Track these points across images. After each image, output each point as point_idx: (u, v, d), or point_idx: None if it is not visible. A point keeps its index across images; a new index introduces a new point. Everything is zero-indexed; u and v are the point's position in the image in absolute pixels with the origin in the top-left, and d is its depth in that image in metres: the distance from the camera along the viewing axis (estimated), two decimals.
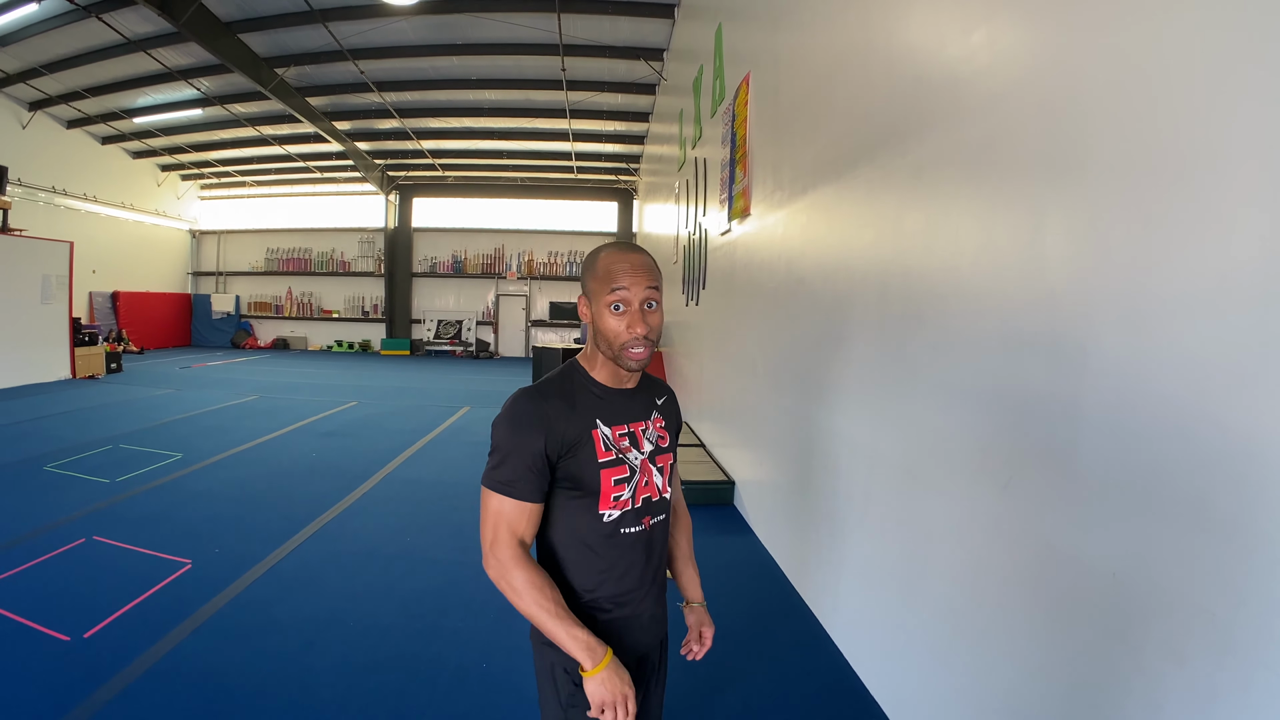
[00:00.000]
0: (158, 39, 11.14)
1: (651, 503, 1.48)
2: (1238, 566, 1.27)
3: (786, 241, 4.25)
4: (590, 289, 1.41)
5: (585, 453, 1.38)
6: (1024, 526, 1.92)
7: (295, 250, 21.57)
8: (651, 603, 1.51)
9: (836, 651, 3.31)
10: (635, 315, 1.35)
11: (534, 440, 1.33)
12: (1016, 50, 2.00)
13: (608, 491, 1.39)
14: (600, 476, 1.39)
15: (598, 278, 1.38)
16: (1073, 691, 1.70)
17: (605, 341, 1.39)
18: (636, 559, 1.46)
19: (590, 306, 1.41)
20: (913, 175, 2.62)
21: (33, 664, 2.98)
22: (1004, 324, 2.02)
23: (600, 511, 1.40)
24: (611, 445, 1.41)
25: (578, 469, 1.37)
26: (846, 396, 3.28)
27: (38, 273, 11.94)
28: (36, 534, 4.50)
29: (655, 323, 1.39)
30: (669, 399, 1.63)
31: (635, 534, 1.45)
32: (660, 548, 1.53)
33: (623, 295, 1.35)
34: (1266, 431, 1.22)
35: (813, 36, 3.87)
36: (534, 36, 10.83)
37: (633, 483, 1.43)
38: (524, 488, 1.33)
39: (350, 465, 6.69)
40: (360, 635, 3.35)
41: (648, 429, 1.50)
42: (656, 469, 1.49)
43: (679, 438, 1.64)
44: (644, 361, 1.39)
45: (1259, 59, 1.24)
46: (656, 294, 1.39)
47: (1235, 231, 1.28)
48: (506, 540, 1.32)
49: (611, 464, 1.40)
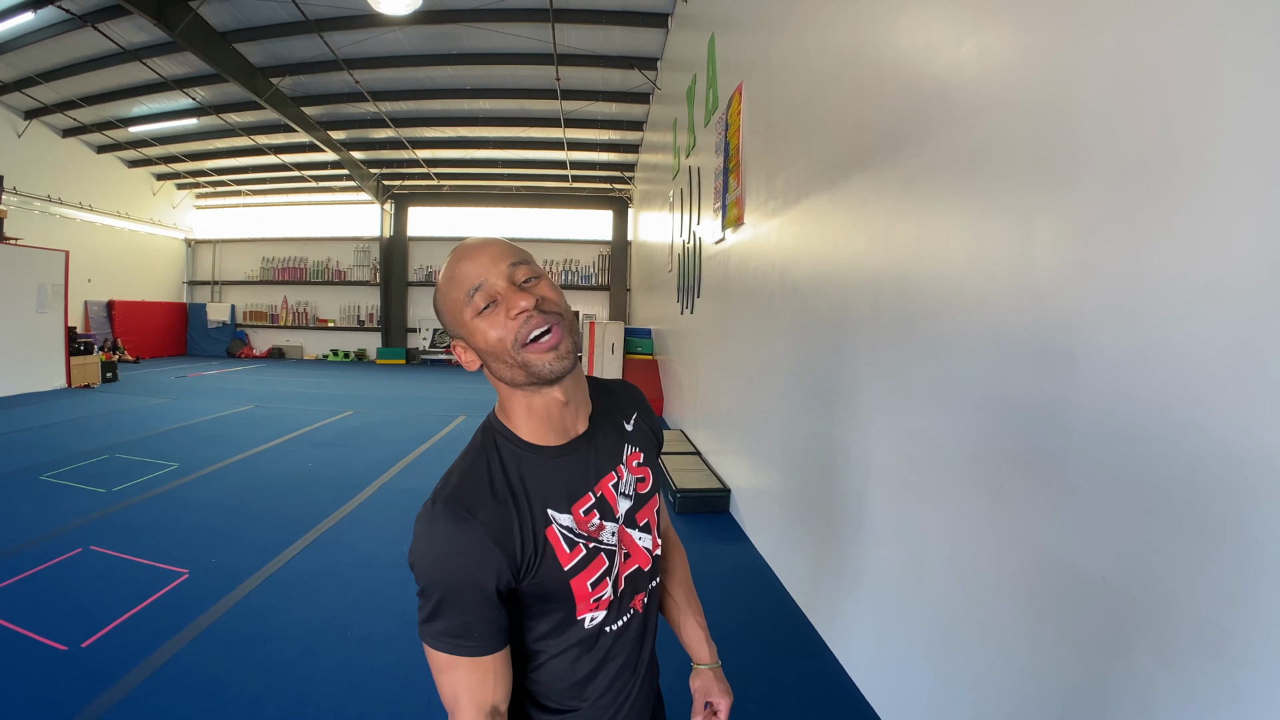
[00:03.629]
0: (153, 48, 11.14)
1: (640, 575, 1.16)
2: (1228, 571, 1.28)
3: (780, 250, 4.28)
4: (446, 313, 1.05)
5: (546, 565, 1.02)
6: (1016, 532, 1.94)
7: (291, 259, 21.53)
8: (644, 689, 1.22)
9: (833, 658, 3.33)
10: (507, 294, 0.99)
11: (473, 580, 0.96)
12: (1006, 59, 2.03)
13: (584, 597, 1.06)
14: (570, 587, 1.05)
15: (449, 294, 1.03)
16: (1066, 696, 1.71)
17: (498, 360, 1.01)
18: (626, 650, 1.16)
19: (464, 337, 1.04)
20: (904, 184, 2.65)
21: (30, 673, 2.98)
22: (995, 330, 2.04)
23: (579, 619, 1.08)
24: (577, 536, 1.05)
25: (538, 588, 1.03)
26: (840, 404, 3.31)
27: (33, 282, 11.90)
28: (33, 544, 4.49)
29: (546, 293, 1.03)
30: (640, 412, 1.27)
31: (623, 625, 1.14)
32: (653, 621, 1.24)
33: (484, 289, 1.00)
34: (1255, 436, 1.23)
35: (804, 46, 3.91)
36: (528, 46, 10.88)
37: (614, 570, 1.10)
38: (475, 641, 0.98)
39: (346, 475, 6.69)
40: (358, 644, 3.35)
41: (620, 480, 1.14)
42: (639, 531, 1.15)
43: (659, 454, 1.30)
44: (563, 349, 1.00)
45: (1246, 63, 1.26)
46: (526, 269, 1.03)
47: (1224, 236, 1.29)
48: (470, 713, 1.00)
49: (582, 565, 1.05)
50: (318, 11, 10.07)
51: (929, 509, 2.46)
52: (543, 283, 1.03)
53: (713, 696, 1.31)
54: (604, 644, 1.11)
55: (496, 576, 0.97)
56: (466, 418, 10.35)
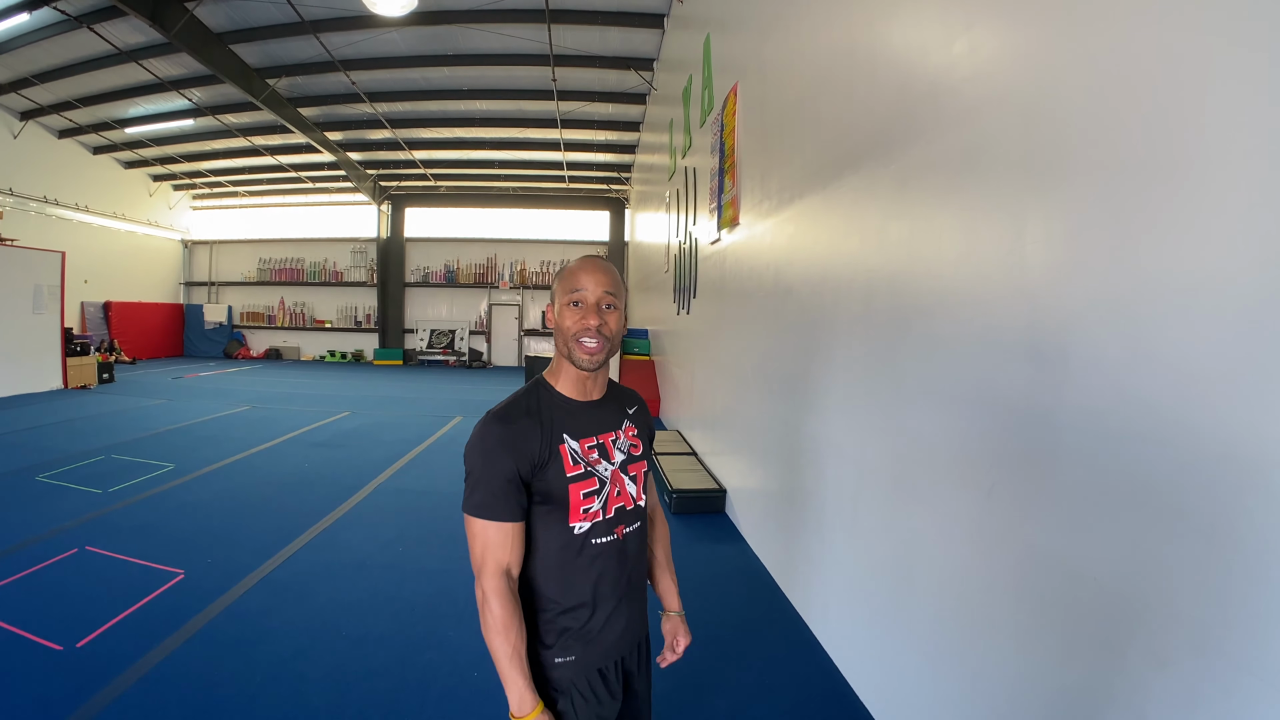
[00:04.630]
0: (149, 49, 11.15)
1: (625, 511, 1.51)
2: (1218, 571, 1.29)
3: (774, 250, 4.29)
4: (555, 293, 1.50)
5: (554, 469, 1.41)
6: (1007, 532, 1.95)
7: (288, 260, 21.54)
8: (627, 609, 1.54)
9: (826, 657, 3.34)
10: (590, 309, 1.44)
11: (504, 463, 1.36)
12: (997, 59, 2.04)
13: (577, 505, 1.43)
14: (569, 491, 1.42)
15: (563, 281, 1.48)
16: (1058, 695, 1.72)
17: (562, 337, 1.47)
18: (609, 567, 1.48)
19: (554, 309, 1.50)
20: (897, 184, 2.66)
21: (25, 673, 2.98)
22: (986, 329, 2.05)
23: (571, 524, 1.43)
24: (580, 459, 1.45)
25: (547, 485, 1.41)
26: (834, 404, 3.32)
27: (29, 283, 11.90)
28: (28, 544, 4.48)
29: (611, 321, 1.46)
30: (640, 408, 1.67)
31: (607, 544, 1.48)
32: (635, 555, 1.56)
33: (580, 295, 1.44)
34: (1246, 436, 1.24)
35: (799, 47, 3.92)
36: (524, 47, 10.89)
37: (603, 494, 1.47)
38: (500, 509, 1.37)
39: (342, 476, 6.68)
40: (353, 645, 3.35)
41: (618, 439, 1.54)
42: (629, 478, 1.53)
43: (651, 446, 1.68)
44: (597, 357, 1.45)
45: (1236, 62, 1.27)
46: (614, 299, 1.47)
47: (1214, 235, 1.30)
48: (492, 570, 1.36)
49: (580, 478, 1.44)
50: (313, 12, 10.07)
51: (921, 508, 2.47)
52: (614, 313, 1.47)
53: (678, 637, 1.74)
54: (590, 553, 1.46)
55: (518, 464, 1.37)
56: (463, 419, 10.35)
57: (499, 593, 1.35)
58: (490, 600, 1.35)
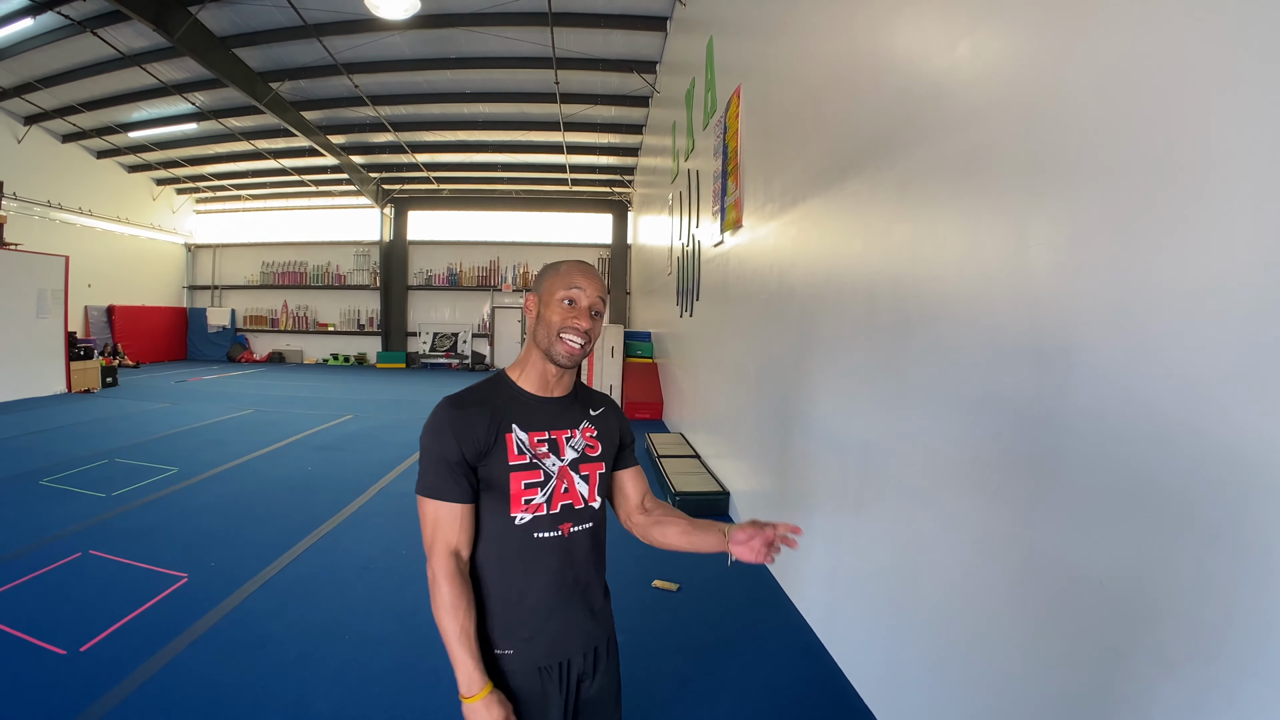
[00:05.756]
0: (153, 54, 11.18)
1: (573, 510, 1.51)
2: (1224, 573, 1.28)
3: (778, 253, 4.29)
4: (545, 286, 1.51)
5: (497, 455, 1.44)
6: (1012, 535, 1.94)
7: (291, 264, 21.56)
8: (574, 611, 1.53)
9: (830, 659, 3.33)
10: (583, 311, 1.48)
11: (450, 444, 1.40)
12: (1000, 62, 2.03)
13: (518, 494, 1.44)
14: (509, 479, 1.44)
15: (558, 276, 1.50)
16: (1063, 698, 1.71)
17: (546, 330, 1.48)
18: (551, 563, 1.49)
19: (538, 301, 1.51)
20: (900, 186, 2.65)
21: (30, 677, 2.98)
22: (990, 332, 2.05)
23: (512, 514, 1.45)
24: (526, 449, 1.46)
25: (489, 471, 1.44)
26: (838, 406, 3.31)
27: (33, 287, 11.94)
28: (32, 548, 4.49)
29: (596, 327, 1.50)
30: (607, 411, 1.67)
31: (550, 539, 1.48)
32: (585, 557, 1.55)
33: (576, 294, 1.47)
34: (1251, 439, 1.23)
35: (802, 50, 3.92)
36: (527, 50, 10.90)
37: (547, 488, 1.48)
38: (446, 488, 1.41)
39: (346, 479, 6.69)
40: (357, 647, 3.35)
41: (574, 437, 1.54)
42: (580, 477, 1.53)
43: (625, 454, 1.69)
44: (575, 357, 1.48)
45: (1241, 65, 1.27)
46: (602, 308, 1.52)
47: (1218, 238, 1.30)
48: (440, 551, 1.40)
49: (523, 467, 1.45)
50: (316, 16, 10.10)
51: (925, 511, 2.47)
52: (599, 321, 1.51)
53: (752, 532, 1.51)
54: (532, 546, 1.47)
55: (463, 448, 1.41)
56: None
57: (448, 573, 1.39)
58: (439, 580, 1.38)
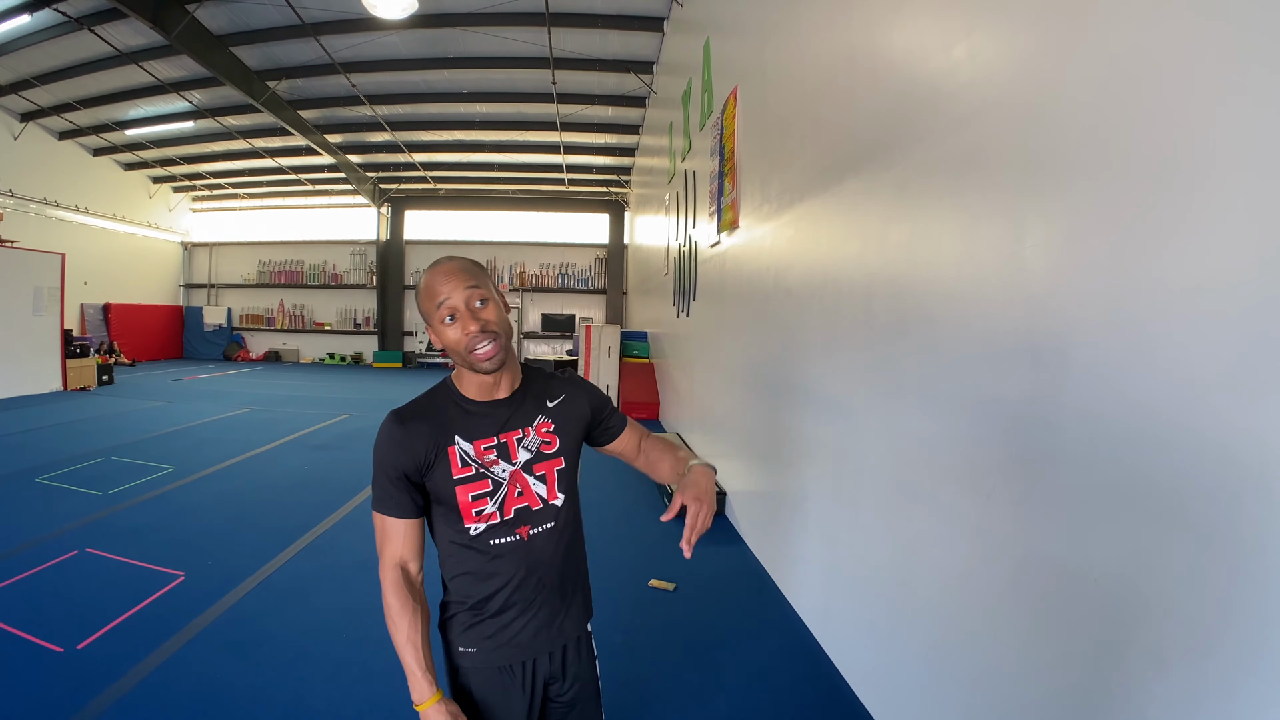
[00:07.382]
0: (150, 51, 11.14)
1: (529, 512, 1.49)
2: (1218, 572, 1.29)
3: (775, 254, 4.30)
4: (423, 311, 1.44)
5: (440, 471, 1.42)
6: (1008, 535, 1.95)
7: (287, 263, 21.50)
8: (540, 612, 1.52)
9: (826, 659, 3.34)
10: (465, 316, 1.39)
11: (394, 460, 1.40)
12: (997, 63, 2.04)
13: (466, 506, 1.44)
14: (455, 492, 1.43)
15: (424, 299, 1.42)
16: (1059, 697, 1.72)
17: (454, 354, 1.43)
18: (510, 568, 1.48)
19: (432, 330, 1.45)
20: (898, 187, 2.66)
21: (26, 675, 2.98)
22: (986, 333, 2.06)
23: (465, 525, 1.46)
24: (471, 460, 1.44)
25: (435, 487, 1.43)
26: (835, 407, 3.32)
27: (29, 284, 11.91)
28: (29, 546, 4.49)
29: (492, 316, 1.41)
30: (569, 397, 1.60)
31: (509, 544, 1.47)
32: (550, 557, 1.52)
33: (448, 305, 1.39)
34: (1245, 439, 1.24)
35: (799, 51, 3.92)
36: (525, 50, 10.89)
37: (498, 496, 1.46)
38: (391, 504, 1.42)
39: (343, 478, 6.69)
40: (353, 646, 3.36)
41: (526, 437, 1.50)
42: (534, 478, 1.49)
43: (605, 424, 1.66)
44: (496, 359, 1.40)
45: (1236, 65, 1.28)
46: (480, 291, 1.41)
47: (1214, 239, 1.30)
48: (388, 564, 1.43)
49: (469, 479, 1.44)
50: (314, 15, 10.08)
51: (922, 511, 2.48)
52: (490, 306, 1.42)
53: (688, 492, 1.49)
54: (490, 553, 1.47)
55: (405, 465, 1.41)
56: None
57: (394, 584, 1.42)
58: (386, 591, 1.42)
